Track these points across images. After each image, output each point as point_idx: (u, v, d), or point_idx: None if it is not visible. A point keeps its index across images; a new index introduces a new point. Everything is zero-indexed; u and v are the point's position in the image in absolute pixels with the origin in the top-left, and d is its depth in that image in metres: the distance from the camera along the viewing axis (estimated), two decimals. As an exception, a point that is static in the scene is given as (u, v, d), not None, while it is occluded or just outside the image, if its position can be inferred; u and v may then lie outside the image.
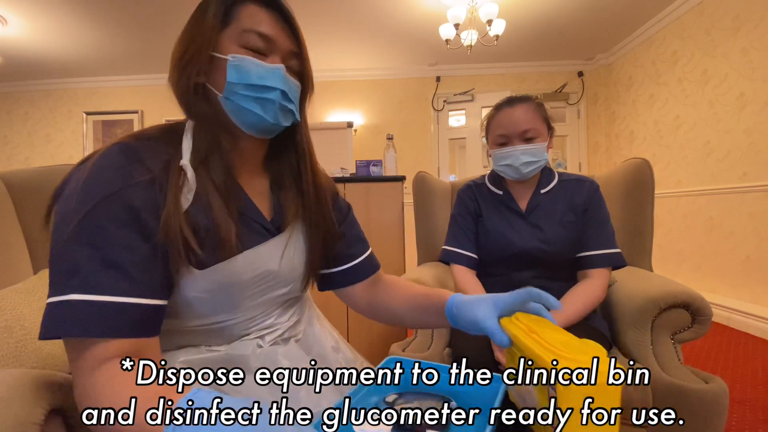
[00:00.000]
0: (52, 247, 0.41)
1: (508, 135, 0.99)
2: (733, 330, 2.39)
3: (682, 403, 0.80)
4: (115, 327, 0.40)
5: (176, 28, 0.54)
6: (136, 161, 0.45)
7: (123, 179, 0.43)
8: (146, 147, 0.48)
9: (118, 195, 0.42)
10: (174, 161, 0.49)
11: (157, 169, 0.46)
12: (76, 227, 0.40)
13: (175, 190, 0.46)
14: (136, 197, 0.43)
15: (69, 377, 0.44)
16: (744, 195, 2.58)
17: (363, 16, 3.31)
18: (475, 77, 4.46)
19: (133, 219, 0.43)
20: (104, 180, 0.43)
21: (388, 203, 1.64)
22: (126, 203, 0.43)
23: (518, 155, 0.98)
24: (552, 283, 0.99)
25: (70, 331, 0.39)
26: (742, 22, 2.61)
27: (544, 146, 0.99)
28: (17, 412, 0.37)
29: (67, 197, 0.43)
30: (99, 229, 0.41)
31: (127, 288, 0.41)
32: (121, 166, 0.44)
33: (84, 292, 0.39)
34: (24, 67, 4.14)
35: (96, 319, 0.39)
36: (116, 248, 0.41)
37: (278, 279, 0.58)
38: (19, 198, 1.08)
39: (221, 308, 0.53)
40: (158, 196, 0.45)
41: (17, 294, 0.87)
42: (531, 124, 0.97)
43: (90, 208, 0.41)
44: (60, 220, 0.42)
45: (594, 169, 4.38)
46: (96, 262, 0.40)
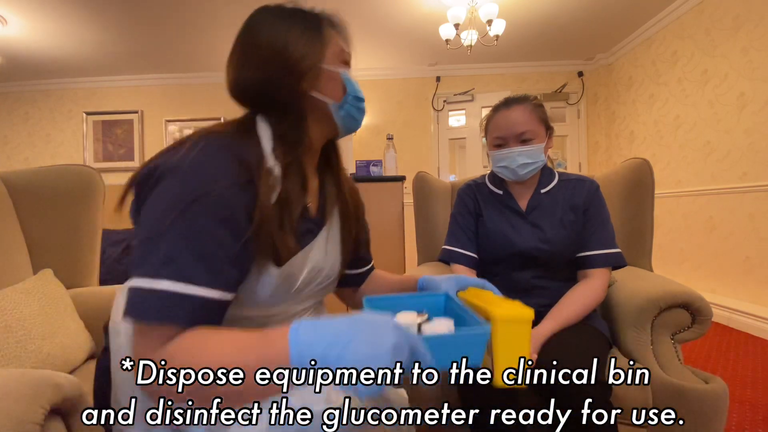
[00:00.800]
0: (146, 229, 0.44)
1: (505, 137, 0.99)
2: (733, 330, 2.39)
3: (682, 403, 0.80)
4: (196, 318, 0.43)
5: (176, 28, 0.54)
6: (236, 160, 0.48)
7: (224, 178, 0.46)
8: (240, 145, 0.50)
9: (219, 193, 0.45)
10: (263, 162, 0.51)
11: (253, 170, 0.49)
12: (178, 218, 0.43)
13: (267, 190, 0.49)
14: (235, 197, 0.47)
15: (69, 377, 0.44)
16: (744, 195, 2.58)
17: (363, 16, 3.31)
18: (475, 77, 4.46)
19: (228, 217, 0.46)
20: (207, 175, 0.46)
21: (388, 203, 1.64)
22: (225, 202, 0.45)
23: (515, 157, 0.98)
24: (552, 282, 0.99)
25: (156, 317, 0.41)
26: (742, 22, 2.61)
27: (541, 147, 0.99)
28: (17, 412, 0.37)
29: (168, 186, 0.45)
30: (197, 224, 0.44)
31: (213, 281, 0.44)
32: (222, 164, 0.47)
33: (176, 280, 0.42)
34: (24, 67, 4.14)
35: (182, 309, 0.42)
36: (210, 243, 0.44)
37: (323, 273, 0.63)
38: (19, 198, 1.08)
39: (280, 300, 0.57)
40: (252, 196, 0.48)
41: (17, 294, 0.87)
42: (527, 126, 0.97)
43: (191, 201, 0.44)
44: (158, 206, 0.45)
45: (594, 169, 4.38)
46: (190, 253, 0.43)
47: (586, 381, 0.73)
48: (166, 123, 4.56)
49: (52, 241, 1.10)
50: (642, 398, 0.82)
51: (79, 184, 1.13)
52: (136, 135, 4.59)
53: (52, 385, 0.41)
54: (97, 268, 1.19)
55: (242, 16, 0.59)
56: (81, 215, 1.14)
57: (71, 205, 1.12)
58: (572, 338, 0.84)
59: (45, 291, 0.94)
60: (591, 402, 0.73)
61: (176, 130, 4.57)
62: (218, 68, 1.20)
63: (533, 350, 0.80)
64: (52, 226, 1.10)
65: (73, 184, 1.13)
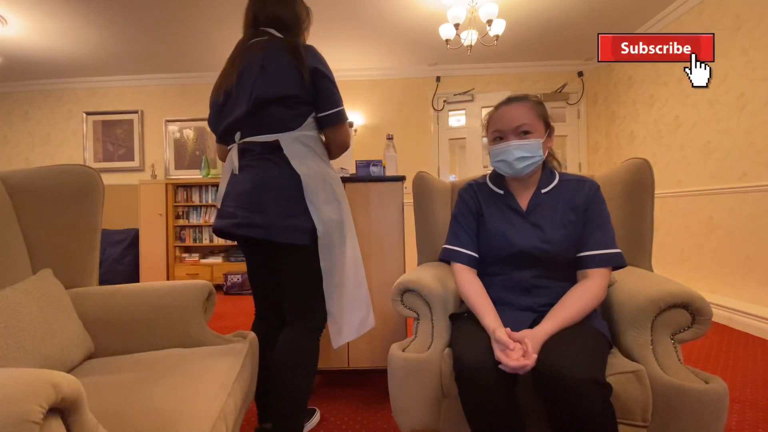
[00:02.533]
0: None
1: (503, 130, 1.01)
2: (733, 330, 2.39)
3: (682, 403, 0.80)
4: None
5: (176, 28, 0.54)
6: None
7: None
8: None
9: None
10: None
11: None
12: None
13: None
14: None
15: (68, 376, 0.44)
16: (744, 195, 2.58)
17: (363, 16, 3.31)
18: (475, 77, 4.46)
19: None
20: None
21: (388, 203, 1.64)
22: None
23: (512, 150, 0.99)
24: (552, 282, 0.99)
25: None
26: (742, 22, 2.61)
27: (539, 143, 0.99)
28: (15, 411, 0.37)
29: None
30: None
31: None
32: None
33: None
34: (24, 67, 4.14)
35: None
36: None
37: None
38: (18, 198, 1.08)
39: None
40: None
41: (16, 294, 0.87)
42: (525, 119, 0.98)
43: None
44: None
45: (594, 169, 4.38)
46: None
47: (586, 381, 0.73)
48: (166, 123, 4.56)
49: (52, 241, 1.10)
50: (642, 398, 0.82)
51: (78, 184, 1.13)
52: (136, 135, 4.59)
53: (51, 384, 0.41)
54: (97, 268, 1.19)
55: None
56: (81, 215, 1.14)
57: (71, 205, 1.12)
58: (572, 338, 0.84)
59: (44, 291, 0.94)
60: (591, 402, 0.72)
61: (176, 130, 4.57)
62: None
63: (533, 350, 0.79)
64: (52, 226, 1.10)
65: (73, 184, 1.13)
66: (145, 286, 1.15)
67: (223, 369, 0.91)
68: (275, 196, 1.07)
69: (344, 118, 1.15)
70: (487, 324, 0.89)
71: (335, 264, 1.13)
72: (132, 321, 1.07)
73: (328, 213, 1.10)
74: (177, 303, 1.10)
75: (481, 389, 0.80)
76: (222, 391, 0.85)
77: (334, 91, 1.12)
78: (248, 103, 1.08)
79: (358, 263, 1.22)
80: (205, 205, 4.28)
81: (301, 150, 1.10)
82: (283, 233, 1.05)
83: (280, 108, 1.08)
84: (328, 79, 1.11)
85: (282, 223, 1.05)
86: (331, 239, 1.11)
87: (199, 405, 0.76)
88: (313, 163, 1.10)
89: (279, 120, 1.08)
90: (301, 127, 1.10)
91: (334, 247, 1.12)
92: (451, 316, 1.06)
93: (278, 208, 1.06)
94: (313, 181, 1.08)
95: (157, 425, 0.67)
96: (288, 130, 1.09)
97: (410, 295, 1.08)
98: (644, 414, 0.82)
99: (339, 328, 1.16)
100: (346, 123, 1.16)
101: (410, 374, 0.97)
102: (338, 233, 1.13)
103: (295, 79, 1.07)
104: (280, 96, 1.07)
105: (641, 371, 0.83)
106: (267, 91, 1.07)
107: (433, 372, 0.96)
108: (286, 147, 1.08)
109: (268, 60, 1.08)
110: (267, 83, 1.07)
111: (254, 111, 1.08)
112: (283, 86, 1.07)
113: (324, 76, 1.10)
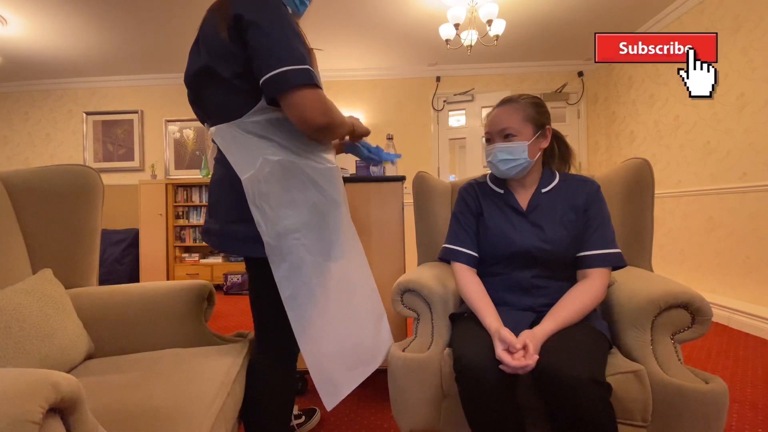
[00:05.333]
0: None
1: (491, 133, 1.04)
2: (733, 330, 2.39)
3: (682, 403, 0.80)
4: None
5: (176, 29, 0.54)
6: None
7: None
8: None
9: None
10: None
11: None
12: None
13: None
14: None
15: (67, 376, 0.44)
16: (744, 195, 2.58)
17: (363, 16, 3.31)
18: (475, 77, 4.46)
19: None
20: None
21: (388, 203, 1.64)
22: None
23: (496, 152, 1.01)
24: (552, 282, 0.99)
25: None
26: (742, 22, 2.61)
27: (523, 145, 0.99)
28: (14, 411, 0.37)
29: None
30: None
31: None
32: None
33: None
34: (24, 67, 4.14)
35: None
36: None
37: None
38: (18, 198, 1.08)
39: None
40: None
41: (16, 294, 0.87)
42: (508, 123, 1.00)
43: None
44: None
45: (594, 169, 4.38)
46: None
47: (586, 381, 0.73)
48: (166, 123, 4.56)
49: (52, 241, 1.10)
50: (642, 398, 0.82)
51: (78, 184, 1.13)
52: (136, 135, 4.59)
53: (50, 384, 0.40)
54: (97, 268, 1.19)
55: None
56: (81, 215, 1.14)
57: (71, 205, 1.12)
58: (572, 338, 0.84)
59: (44, 291, 0.94)
60: (591, 402, 0.72)
61: (176, 130, 4.57)
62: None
63: (533, 350, 0.79)
64: (52, 226, 1.10)
65: (73, 184, 1.13)
66: (145, 286, 1.15)
67: (223, 369, 0.91)
68: (225, 197, 0.87)
69: (292, 82, 0.73)
70: (488, 324, 0.89)
71: (306, 286, 0.83)
72: (132, 321, 1.07)
73: (289, 218, 0.82)
74: (177, 303, 1.10)
75: (481, 389, 0.80)
76: (222, 390, 0.85)
77: (272, 45, 0.73)
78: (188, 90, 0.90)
79: (355, 279, 0.95)
80: (205, 205, 4.27)
81: (247, 142, 0.81)
82: (232, 242, 0.86)
83: (214, 90, 0.82)
84: (259, 28, 0.73)
85: (233, 228, 0.85)
86: (291, 253, 0.81)
87: (199, 405, 0.76)
88: (269, 157, 0.81)
89: (215, 106, 0.84)
90: (251, 112, 0.80)
91: (303, 263, 0.82)
92: (452, 316, 1.06)
93: (226, 210, 0.87)
94: (262, 182, 0.80)
95: (157, 425, 0.67)
96: (231, 118, 0.81)
97: (410, 295, 1.08)
98: (644, 414, 0.82)
99: (329, 379, 0.88)
100: (302, 89, 0.74)
101: (410, 374, 0.97)
102: (312, 242, 0.84)
103: (216, 45, 0.78)
104: (198, 71, 0.82)
105: (641, 371, 0.83)
106: (188, 71, 0.86)
107: (433, 372, 0.96)
108: (221, 143, 0.84)
109: (204, 28, 0.84)
110: (192, 59, 0.86)
111: (192, 98, 0.91)
112: (205, 58, 0.80)
113: (251, 24, 0.73)
